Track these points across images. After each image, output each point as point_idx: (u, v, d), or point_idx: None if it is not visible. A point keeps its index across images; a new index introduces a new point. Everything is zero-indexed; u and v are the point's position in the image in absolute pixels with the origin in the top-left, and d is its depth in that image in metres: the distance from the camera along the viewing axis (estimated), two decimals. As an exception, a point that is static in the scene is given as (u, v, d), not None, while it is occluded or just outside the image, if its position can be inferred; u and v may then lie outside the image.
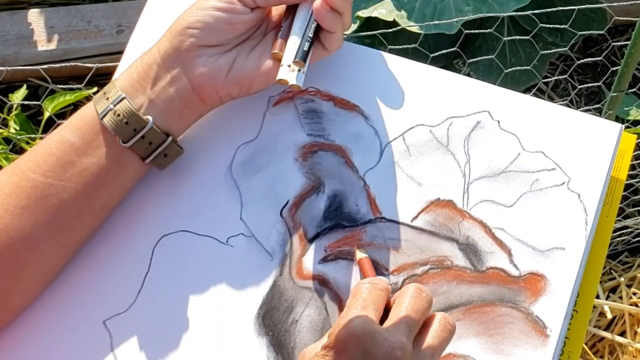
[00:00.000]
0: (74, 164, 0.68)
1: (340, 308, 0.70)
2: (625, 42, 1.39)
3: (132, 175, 0.71)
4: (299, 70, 0.70)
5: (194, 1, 0.72)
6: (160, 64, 0.69)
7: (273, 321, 0.70)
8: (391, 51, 0.78)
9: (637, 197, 1.71)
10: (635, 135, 0.76)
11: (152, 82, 0.69)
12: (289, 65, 0.70)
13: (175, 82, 0.69)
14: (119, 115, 0.68)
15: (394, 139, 0.74)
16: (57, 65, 1.11)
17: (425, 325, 0.63)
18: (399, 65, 0.76)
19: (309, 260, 0.71)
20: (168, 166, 0.72)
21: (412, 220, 0.72)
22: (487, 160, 0.73)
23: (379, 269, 0.71)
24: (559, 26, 1.50)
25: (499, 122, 0.74)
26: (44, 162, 0.68)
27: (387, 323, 0.62)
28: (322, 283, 0.71)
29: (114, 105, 0.68)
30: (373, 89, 0.75)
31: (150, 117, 0.69)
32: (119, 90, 0.69)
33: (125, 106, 0.68)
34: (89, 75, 1.13)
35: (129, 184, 0.71)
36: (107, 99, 0.69)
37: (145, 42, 0.75)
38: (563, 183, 0.71)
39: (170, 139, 0.70)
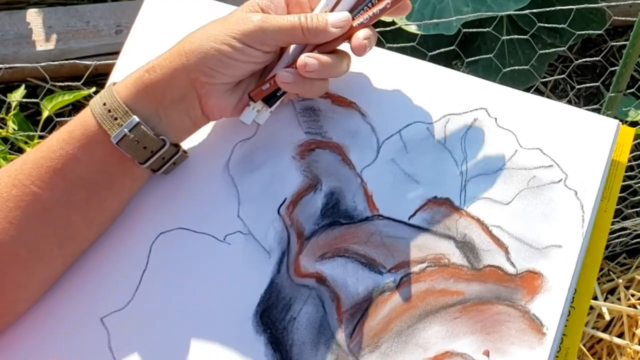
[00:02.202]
0: (83, 181, 0.67)
1: (338, 306, 0.70)
2: (624, 43, 1.39)
3: (142, 184, 0.72)
4: (260, 109, 0.72)
5: (191, 3, 0.72)
6: (174, 86, 0.67)
7: (271, 319, 0.70)
8: (389, 50, 0.77)
9: (636, 198, 1.71)
10: (634, 129, 0.76)
11: (167, 103, 0.68)
12: (254, 109, 0.71)
13: (188, 107, 0.69)
14: (137, 141, 0.67)
15: (391, 136, 0.74)
16: (56, 62, 1.11)
17: None
18: (396, 62, 0.76)
19: (306, 258, 0.71)
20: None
21: (409, 218, 0.72)
22: (484, 158, 0.73)
23: (377, 266, 0.71)
24: (557, 26, 1.51)
25: (496, 119, 0.74)
26: (50, 179, 0.66)
27: None
28: (319, 281, 0.71)
29: (129, 131, 0.66)
30: (370, 86, 0.75)
31: (165, 139, 0.68)
32: (130, 114, 0.66)
33: (141, 132, 0.67)
34: (87, 75, 1.13)
35: (137, 192, 0.72)
36: (116, 119, 0.66)
37: (142, 42, 0.75)
38: (560, 180, 0.71)
39: (180, 150, 0.71)
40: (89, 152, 0.67)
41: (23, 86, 1.36)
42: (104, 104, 0.67)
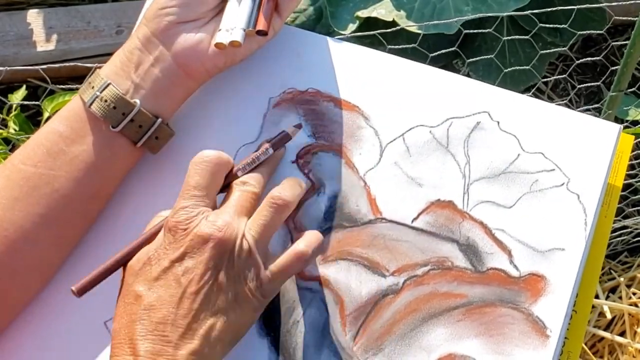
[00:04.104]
0: (64, 152, 0.69)
1: (341, 308, 0.70)
2: (625, 42, 1.39)
3: (124, 160, 0.72)
4: (238, 29, 0.71)
5: None
6: (141, 48, 0.70)
7: (274, 322, 0.70)
8: (390, 51, 0.78)
9: (637, 197, 1.71)
10: (633, 136, 0.76)
11: (135, 66, 0.70)
12: (227, 30, 0.71)
13: (159, 62, 0.70)
14: (105, 100, 0.69)
15: (394, 140, 0.74)
16: (57, 65, 1.11)
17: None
18: (399, 66, 0.76)
19: (309, 261, 0.71)
20: (167, 154, 0.73)
21: (412, 221, 0.72)
22: (487, 161, 0.73)
23: (380, 269, 0.71)
24: (558, 26, 1.50)
25: (498, 123, 0.74)
26: (34, 153, 0.69)
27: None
28: (323, 284, 0.71)
29: (100, 92, 0.69)
30: (373, 90, 0.75)
31: (137, 100, 0.70)
32: (103, 78, 0.70)
33: (111, 91, 0.69)
34: (88, 76, 1.13)
35: (122, 170, 0.72)
36: (93, 87, 0.69)
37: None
38: (562, 184, 0.71)
39: (159, 120, 0.71)
40: (69, 124, 0.70)
41: (24, 87, 1.36)
42: (89, 83, 0.70)
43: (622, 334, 1.58)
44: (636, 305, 1.61)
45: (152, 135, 0.71)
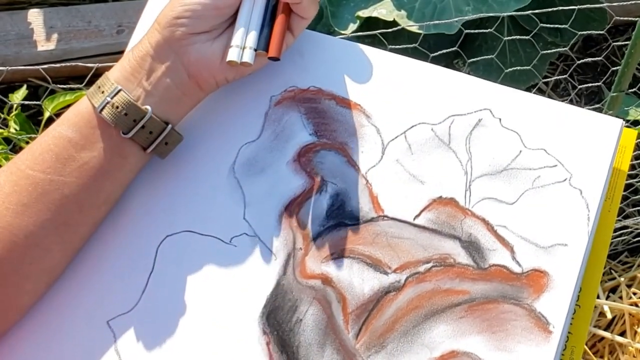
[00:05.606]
0: (73, 158, 0.68)
1: (344, 307, 0.70)
2: (626, 42, 1.39)
3: (134, 165, 0.72)
4: (248, 49, 0.71)
5: None
6: (153, 55, 0.70)
7: (277, 320, 0.70)
8: (391, 51, 0.78)
9: (637, 197, 1.71)
10: (636, 131, 0.76)
11: (147, 73, 0.70)
12: (237, 46, 0.71)
13: (170, 71, 0.70)
14: (117, 107, 0.68)
15: (396, 137, 0.74)
16: (58, 65, 1.11)
17: None
18: (400, 64, 0.76)
19: (312, 260, 0.71)
20: (169, 155, 0.73)
21: (414, 219, 0.72)
22: (489, 158, 0.73)
23: (382, 267, 0.71)
24: (559, 26, 1.51)
25: (500, 119, 0.74)
26: (42, 159, 0.68)
27: None
28: (325, 282, 0.71)
29: (111, 98, 0.68)
30: (375, 88, 0.75)
31: (148, 107, 0.69)
32: (114, 83, 0.69)
33: (122, 98, 0.69)
34: (89, 76, 1.13)
35: (131, 175, 0.72)
36: (103, 92, 0.69)
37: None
38: (565, 179, 0.71)
39: (170, 126, 0.71)
40: (79, 129, 0.69)
41: (24, 87, 1.36)
42: (99, 87, 0.69)
43: (623, 333, 1.58)
44: (636, 305, 1.61)
45: (162, 141, 0.71)
